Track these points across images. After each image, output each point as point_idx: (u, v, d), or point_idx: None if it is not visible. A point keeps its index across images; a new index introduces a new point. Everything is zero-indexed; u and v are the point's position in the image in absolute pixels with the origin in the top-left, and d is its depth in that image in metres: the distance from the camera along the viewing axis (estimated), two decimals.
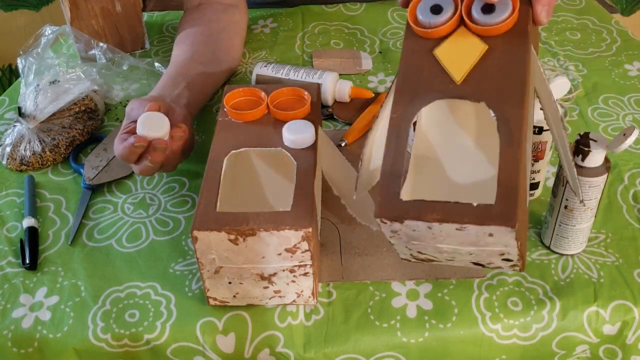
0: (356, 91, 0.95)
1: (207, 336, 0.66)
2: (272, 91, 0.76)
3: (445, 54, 0.57)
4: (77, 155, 0.89)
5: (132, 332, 0.66)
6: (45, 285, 0.71)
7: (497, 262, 0.57)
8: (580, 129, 0.89)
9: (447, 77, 0.56)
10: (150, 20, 1.22)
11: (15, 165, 0.86)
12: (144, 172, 0.74)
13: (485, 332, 0.65)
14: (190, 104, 0.85)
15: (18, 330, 0.67)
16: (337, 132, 0.91)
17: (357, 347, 0.65)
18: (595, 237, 0.74)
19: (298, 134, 0.69)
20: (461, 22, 0.58)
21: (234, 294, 0.66)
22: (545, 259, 0.71)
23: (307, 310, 0.67)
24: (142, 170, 0.74)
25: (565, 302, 0.67)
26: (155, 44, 1.14)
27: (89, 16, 1.04)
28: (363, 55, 1.07)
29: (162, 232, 0.77)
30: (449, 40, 0.58)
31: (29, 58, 0.93)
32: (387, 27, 1.17)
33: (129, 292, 0.70)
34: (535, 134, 0.72)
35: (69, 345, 0.66)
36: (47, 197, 0.83)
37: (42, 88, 0.90)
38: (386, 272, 0.70)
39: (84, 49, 1.03)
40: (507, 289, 0.68)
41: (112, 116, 0.97)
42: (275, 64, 0.97)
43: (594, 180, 0.65)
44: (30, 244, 0.74)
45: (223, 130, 0.73)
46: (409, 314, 0.67)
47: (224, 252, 0.62)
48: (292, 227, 0.60)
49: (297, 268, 0.63)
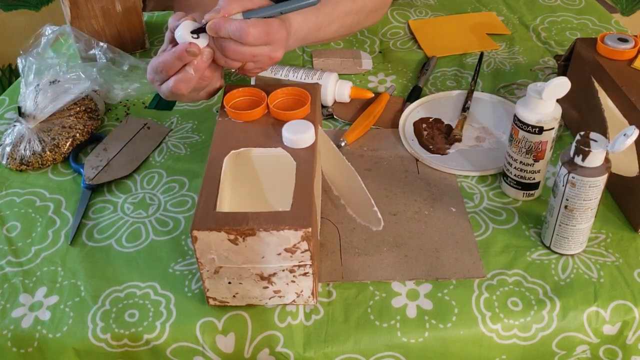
0: (356, 91, 0.95)
1: (206, 336, 0.66)
2: (272, 91, 0.76)
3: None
4: (77, 155, 0.89)
5: (132, 332, 0.66)
6: (44, 285, 0.71)
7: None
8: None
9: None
10: (150, 20, 1.22)
11: (15, 165, 0.86)
12: (180, 83, 0.73)
13: (485, 332, 0.65)
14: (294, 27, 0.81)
15: (18, 330, 0.67)
16: (337, 132, 0.91)
17: (357, 347, 0.65)
18: (595, 237, 0.74)
19: (298, 134, 0.69)
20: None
21: (233, 294, 0.66)
22: (546, 259, 0.71)
23: (307, 310, 0.67)
24: (178, 82, 0.73)
25: (565, 302, 0.67)
26: (155, 44, 1.14)
27: (89, 16, 1.04)
28: (363, 55, 1.07)
29: (162, 232, 0.77)
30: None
31: (29, 58, 0.93)
32: (387, 27, 1.17)
33: (128, 292, 0.70)
34: (535, 133, 0.72)
35: (69, 345, 0.66)
36: (47, 197, 0.83)
37: (42, 88, 0.90)
38: (386, 272, 0.70)
39: (84, 49, 1.03)
40: (507, 289, 0.68)
41: (112, 116, 0.97)
42: (275, 65, 0.97)
43: (594, 180, 0.65)
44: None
45: (223, 130, 0.73)
46: (409, 314, 0.66)
47: (224, 252, 0.62)
48: (291, 227, 0.60)
49: (296, 268, 0.63)
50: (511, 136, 0.75)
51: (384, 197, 0.80)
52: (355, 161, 0.85)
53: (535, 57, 1.06)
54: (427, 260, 0.71)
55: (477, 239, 0.74)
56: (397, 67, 1.05)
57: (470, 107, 0.94)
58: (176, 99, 0.78)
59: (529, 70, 1.03)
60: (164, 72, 0.73)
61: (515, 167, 0.76)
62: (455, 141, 0.88)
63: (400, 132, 0.90)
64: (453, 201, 0.79)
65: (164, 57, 0.73)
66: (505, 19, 1.18)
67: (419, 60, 1.07)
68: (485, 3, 1.23)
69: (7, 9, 1.94)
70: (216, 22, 0.72)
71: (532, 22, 1.16)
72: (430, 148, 0.87)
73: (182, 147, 0.90)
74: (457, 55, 1.08)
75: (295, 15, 0.80)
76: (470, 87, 0.97)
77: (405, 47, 1.11)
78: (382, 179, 0.83)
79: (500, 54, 1.07)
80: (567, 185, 0.66)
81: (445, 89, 1.00)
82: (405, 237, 0.74)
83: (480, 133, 0.90)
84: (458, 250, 0.72)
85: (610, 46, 0.80)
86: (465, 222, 0.76)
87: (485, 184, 0.82)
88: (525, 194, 0.78)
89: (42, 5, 1.95)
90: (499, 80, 1.01)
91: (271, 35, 0.74)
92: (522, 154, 0.75)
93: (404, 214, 0.77)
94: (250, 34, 0.71)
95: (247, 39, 0.72)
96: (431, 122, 0.92)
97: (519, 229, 0.75)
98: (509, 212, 0.77)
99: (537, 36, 1.12)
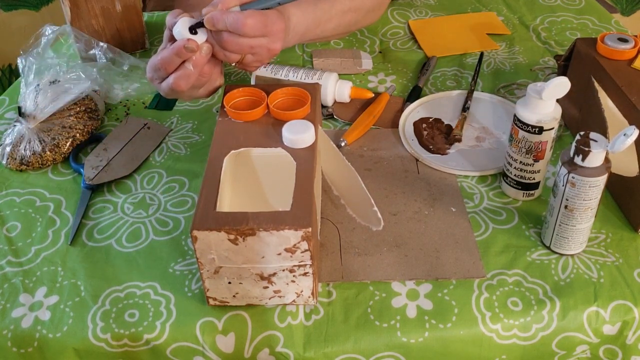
0: (356, 91, 0.95)
1: (206, 336, 0.66)
2: (272, 91, 0.76)
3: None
4: (77, 155, 0.89)
5: (132, 332, 0.66)
6: (44, 285, 0.71)
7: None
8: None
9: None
10: (150, 20, 1.22)
11: (15, 165, 0.86)
12: (180, 80, 0.73)
13: (485, 332, 0.65)
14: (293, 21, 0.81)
15: (18, 330, 0.67)
16: (337, 132, 0.91)
17: (357, 347, 0.65)
18: (595, 237, 0.74)
19: (298, 134, 0.69)
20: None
21: (233, 293, 0.66)
22: (545, 259, 0.71)
23: (307, 310, 0.67)
24: (177, 78, 0.73)
25: (565, 302, 0.67)
26: (155, 44, 1.14)
27: (89, 16, 1.04)
28: (363, 55, 1.07)
29: (162, 232, 0.77)
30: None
31: (29, 58, 0.93)
32: (387, 27, 1.17)
33: (128, 292, 0.70)
34: (535, 134, 0.72)
35: (69, 345, 0.66)
36: (47, 196, 0.83)
37: (42, 88, 0.90)
38: (386, 272, 0.70)
39: (84, 49, 1.03)
40: (507, 289, 0.68)
41: (112, 116, 0.97)
42: (275, 65, 0.97)
43: (594, 180, 0.65)
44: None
45: (223, 130, 0.73)
46: (409, 314, 0.66)
47: (224, 252, 0.62)
48: (291, 227, 0.60)
49: (296, 268, 0.63)
50: (511, 136, 0.75)
51: (384, 197, 0.80)
52: (355, 161, 0.85)
53: (535, 57, 1.06)
54: (427, 260, 0.71)
55: (477, 239, 0.74)
56: (397, 67, 1.05)
57: (470, 107, 0.94)
58: (176, 96, 0.78)
59: (529, 70, 1.03)
60: (163, 69, 0.73)
61: (515, 167, 0.77)
62: (455, 141, 0.88)
63: (400, 132, 0.90)
64: (453, 201, 0.79)
65: (162, 54, 0.73)
66: (505, 19, 1.18)
67: (419, 60, 1.07)
68: (485, 3, 1.23)
69: (7, 9, 1.94)
70: (214, 15, 0.72)
71: (532, 22, 1.16)
72: (430, 148, 0.87)
73: (182, 147, 0.90)
74: (457, 55, 1.08)
75: (294, 10, 0.81)
76: (470, 87, 0.97)
77: (405, 47, 1.11)
78: (382, 179, 0.83)
79: (500, 54, 1.07)
80: (567, 185, 0.66)
81: (445, 89, 1.00)
82: (405, 237, 0.74)
83: (480, 133, 0.90)
84: (458, 250, 0.72)
85: (610, 46, 0.80)
86: (465, 222, 0.76)
87: (485, 184, 0.82)
88: (525, 194, 0.78)
89: (42, 5, 1.95)
90: (499, 80, 1.01)
91: (269, 26, 0.74)
92: (522, 154, 0.75)
93: (404, 214, 0.77)
94: (248, 25, 0.72)
95: (244, 30, 0.72)
96: (431, 122, 0.92)
97: (519, 229, 0.75)
98: (509, 212, 0.77)
99: (537, 36, 1.12)
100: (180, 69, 0.73)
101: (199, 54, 0.73)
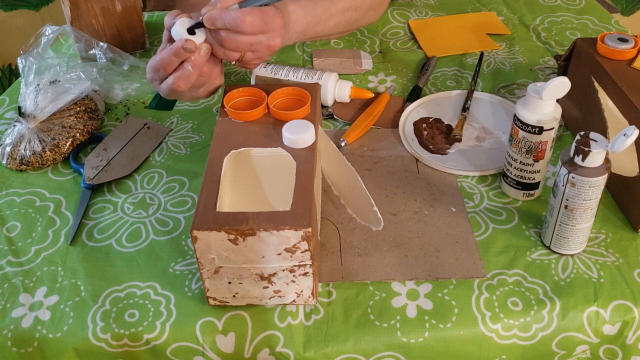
0: (356, 91, 0.95)
1: (206, 336, 0.66)
2: (272, 91, 0.76)
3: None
4: (77, 155, 0.89)
5: (132, 332, 0.66)
6: (44, 285, 0.71)
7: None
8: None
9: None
10: (150, 20, 1.22)
11: (15, 165, 0.86)
12: (179, 80, 0.74)
13: (485, 332, 0.65)
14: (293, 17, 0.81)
15: (18, 330, 0.67)
16: (337, 132, 0.91)
17: (357, 347, 0.65)
18: (595, 237, 0.74)
19: (298, 134, 0.69)
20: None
21: (233, 293, 0.66)
22: (545, 259, 0.71)
23: (307, 310, 0.67)
24: (177, 79, 0.74)
25: (565, 302, 0.67)
26: (156, 44, 1.14)
27: (89, 16, 1.04)
28: (363, 55, 1.07)
29: (162, 232, 0.77)
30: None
31: (29, 58, 0.93)
32: (387, 27, 1.17)
33: (128, 292, 0.70)
34: (535, 133, 0.72)
35: (69, 345, 0.66)
36: (47, 196, 0.83)
37: (42, 88, 0.90)
38: (386, 272, 0.70)
39: (84, 49, 1.03)
40: (507, 289, 0.68)
41: (112, 116, 0.97)
42: (275, 65, 0.97)
43: (594, 180, 0.65)
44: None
45: (223, 130, 0.73)
46: (409, 314, 0.66)
47: (224, 252, 0.62)
48: (291, 227, 0.60)
49: (296, 268, 0.63)
50: (511, 136, 0.75)
51: (384, 197, 0.80)
52: (355, 161, 0.85)
53: (535, 57, 1.06)
54: (427, 260, 0.71)
55: (477, 239, 0.74)
56: (397, 67, 1.05)
57: (470, 107, 0.94)
58: (176, 96, 0.78)
59: (529, 70, 1.03)
60: (162, 70, 0.74)
61: (515, 167, 0.77)
62: (455, 141, 0.88)
63: (400, 132, 0.90)
64: (453, 201, 0.79)
65: (161, 55, 0.73)
66: (505, 19, 1.18)
67: (419, 60, 1.07)
68: (485, 3, 1.23)
69: (7, 9, 1.94)
70: (212, 14, 0.72)
71: (532, 22, 1.16)
72: (430, 148, 0.87)
73: (182, 147, 0.90)
74: (457, 55, 1.08)
75: (294, 7, 0.81)
76: (470, 87, 0.97)
77: (405, 47, 1.11)
78: (382, 179, 0.83)
79: (500, 54, 1.07)
80: (567, 185, 0.66)
81: (445, 89, 1.00)
82: (405, 237, 0.74)
83: (480, 133, 0.90)
84: (458, 250, 0.72)
85: (610, 46, 0.80)
86: (465, 222, 0.76)
87: (485, 184, 0.82)
88: (525, 194, 0.78)
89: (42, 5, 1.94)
90: (499, 80, 1.01)
91: (268, 23, 0.74)
92: (522, 154, 0.75)
93: (404, 214, 0.77)
94: (246, 22, 0.72)
95: (243, 27, 0.72)
96: (431, 122, 0.92)
97: (519, 229, 0.75)
98: (509, 212, 0.78)
99: (537, 36, 1.12)
100: (179, 70, 0.73)
101: (197, 54, 0.73)
